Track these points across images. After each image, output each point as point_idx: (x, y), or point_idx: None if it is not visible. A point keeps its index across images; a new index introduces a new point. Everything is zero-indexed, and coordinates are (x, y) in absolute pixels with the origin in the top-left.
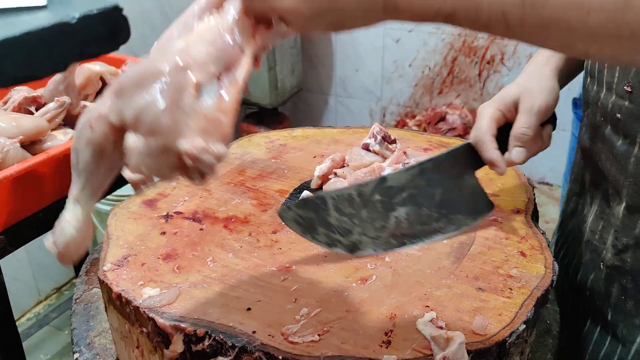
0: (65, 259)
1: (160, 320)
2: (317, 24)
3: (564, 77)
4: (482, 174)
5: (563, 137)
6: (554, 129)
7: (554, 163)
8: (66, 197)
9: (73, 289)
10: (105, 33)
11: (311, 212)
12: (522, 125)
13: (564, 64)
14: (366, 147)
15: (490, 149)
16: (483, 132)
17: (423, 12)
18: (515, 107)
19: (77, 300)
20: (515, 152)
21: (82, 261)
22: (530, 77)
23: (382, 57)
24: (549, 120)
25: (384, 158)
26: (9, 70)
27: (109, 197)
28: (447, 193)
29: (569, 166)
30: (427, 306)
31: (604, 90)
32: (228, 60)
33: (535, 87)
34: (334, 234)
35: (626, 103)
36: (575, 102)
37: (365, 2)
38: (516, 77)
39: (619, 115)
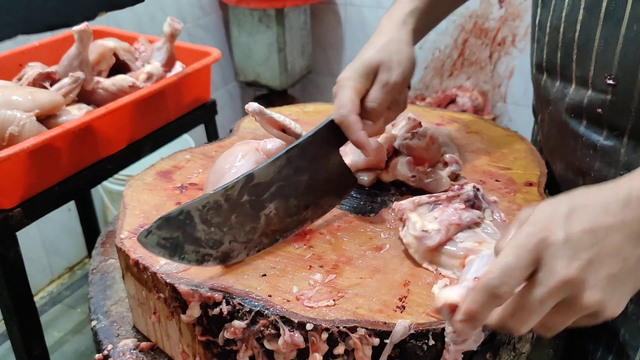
0: None
1: (178, 286)
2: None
3: (419, 37)
4: (494, 146)
5: None
6: (409, 89)
7: None
8: (81, 170)
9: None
10: None
11: (175, 231)
12: (372, 99)
13: (421, 25)
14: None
15: (356, 131)
16: (348, 111)
17: None
18: (374, 76)
19: (94, 271)
20: (365, 125)
21: (95, 239)
22: (389, 43)
23: None
24: None
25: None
26: (43, 18)
27: (117, 176)
28: (314, 178)
29: None
30: (441, 274)
31: (573, 85)
32: None
33: (394, 58)
34: (204, 249)
35: (608, 97)
36: None
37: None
38: (527, 59)
39: (599, 110)
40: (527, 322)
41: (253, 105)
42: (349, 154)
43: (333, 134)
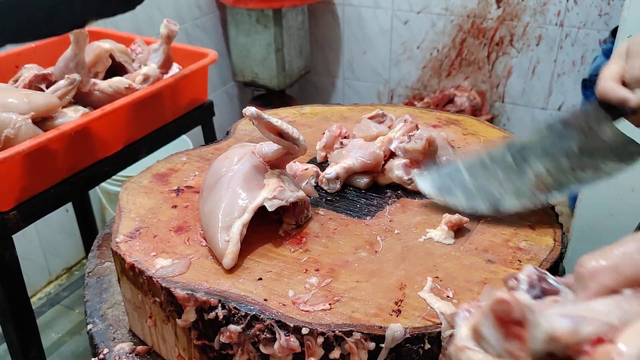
0: None
1: (174, 290)
2: None
3: None
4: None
5: None
6: None
7: None
8: (77, 172)
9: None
10: None
11: (447, 180)
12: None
13: None
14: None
15: (616, 89)
16: (607, 80)
17: None
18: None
19: (90, 274)
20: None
21: (93, 240)
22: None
23: (390, 39)
24: None
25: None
26: (30, 26)
27: (115, 177)
28: (587, 143)
29: None
30: (437, 277)
31: None
32: None
33: None
34: (473, 197)
35: None
36: (585, 84)
37: None
38: (525, 59)
39: None
40: None
41: (251, 110)
42: (346, 158)
43: (599, 111)
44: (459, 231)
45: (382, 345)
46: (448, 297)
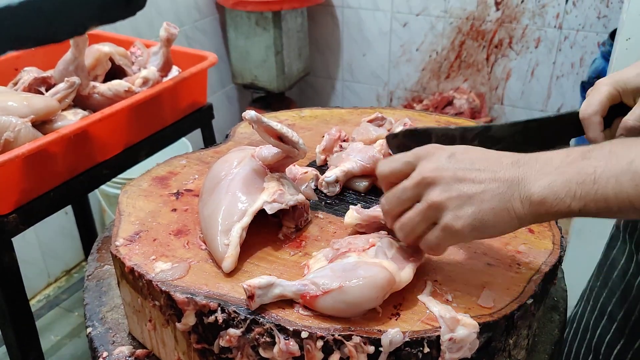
0: None
1: (174, 294)
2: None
3: None
4: None
5: None
6: None
7: None
8: (77, 175)
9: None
10: None
11: (414, 143)
12: (637, 118)
13: None
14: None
15: (595, 130)
16: (594, 111)
17: (555, 213)
18: (634, 95)
19: (89, 277)
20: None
21: (92, 242)
22: None
23: (390, 41)
24: None
25: None
26: (30, 33)
27: (115, 179)
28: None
29: None
30: (436, 280)
31: None
32: None
33: None
34: None
35: None
36: (584, 86)
37: (500, 224)
38: (524, 61)
39: None
40: (395, 206)
41: (250, 113)
42: (346, 161)
43: (572, 124)
44: None
45: (382, 349)
46: (447, 300)
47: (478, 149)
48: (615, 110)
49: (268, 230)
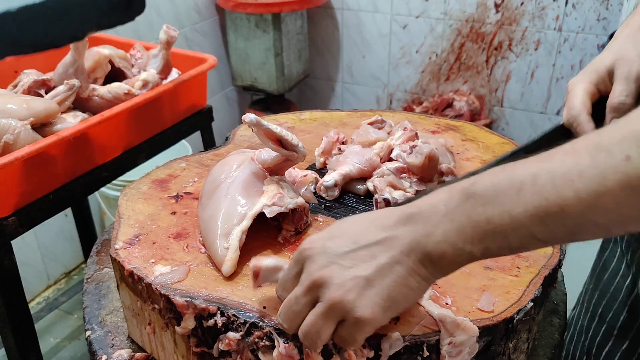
0: None
1: (173, 297)
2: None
3: None
4: (490, 154)
5: None
6: None
7: None
8: (76, 178)
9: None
10: (122, 4)
11: None
12: (620, 93)
13: None
14: None
15: (588, 129)
16: (578, 111)
17: (459, 263)
18: (609, 77)
19: (89, 280)
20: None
21: (92, 245)
22: (624, 42)
23: (389, 43)
24: None
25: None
26: (30, 37)
27: (114, 182)
28: None
29: None
30: (435, 284)
31: None
32: None
33: (631, 53)
34: None
35: None
36: None
37: (411, 293)
38: (524, 63)
39: None
40: (293, 319)
41: (250, 117)
42: (343, 165)
43: (562, 137)
44: None
45: (381, 353)
46: (447, 304)
47: (353, 219)
48: (601, 105)
49: (268, 234)
